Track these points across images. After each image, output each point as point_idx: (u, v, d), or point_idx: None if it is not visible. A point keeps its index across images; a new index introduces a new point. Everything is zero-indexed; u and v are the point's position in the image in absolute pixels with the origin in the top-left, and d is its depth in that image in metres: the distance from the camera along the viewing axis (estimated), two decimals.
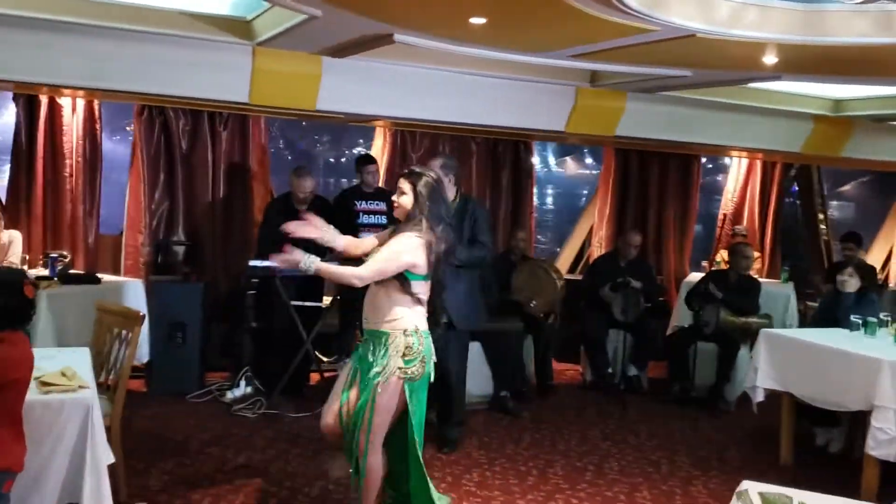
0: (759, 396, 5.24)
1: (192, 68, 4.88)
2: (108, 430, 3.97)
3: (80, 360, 3.57)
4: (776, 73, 4.78)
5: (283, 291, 5.76)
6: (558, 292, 6.54)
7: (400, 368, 3.47)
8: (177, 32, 4.80)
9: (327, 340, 6.97)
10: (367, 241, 3.81)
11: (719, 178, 9.33)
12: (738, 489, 2.28)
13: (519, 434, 5.57)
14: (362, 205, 6.41)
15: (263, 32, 4.83)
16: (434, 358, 3.58)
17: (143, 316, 4.09)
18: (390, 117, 6.05)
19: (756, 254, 8.72)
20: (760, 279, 8.37)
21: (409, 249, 3.48)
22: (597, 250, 8.17)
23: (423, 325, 3.54)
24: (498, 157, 7.71)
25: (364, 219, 6.38)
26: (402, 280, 3.47)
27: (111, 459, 3.70)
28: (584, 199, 8.77)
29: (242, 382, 6.02)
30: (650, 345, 6.94)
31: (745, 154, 8.61)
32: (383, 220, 6.23)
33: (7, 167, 6.24)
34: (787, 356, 5.10)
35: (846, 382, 4.63)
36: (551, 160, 9.83)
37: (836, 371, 4.71)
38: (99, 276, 5.83)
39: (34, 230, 6.16)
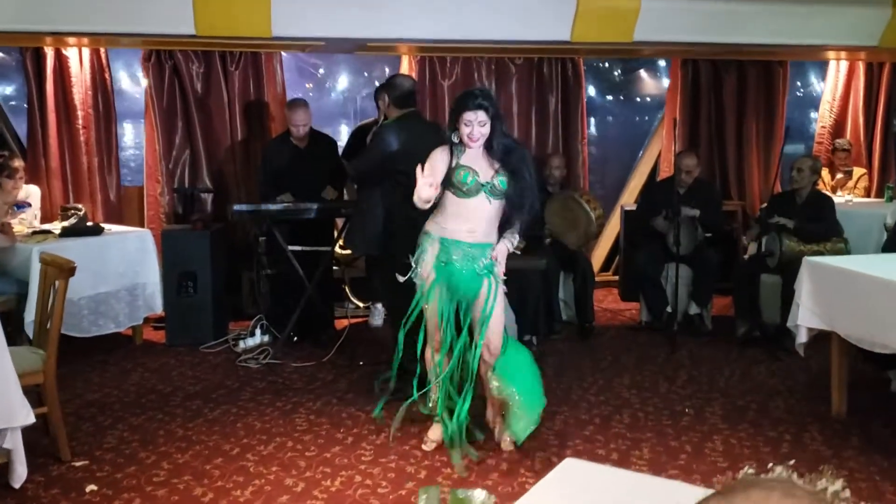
0: (802, 337, 4.44)
1: (130, 2, 4.56)
2: (40, 386, 3.86)
3: None
4: None
5: (278, 235, 5.45)
6: (593, 224, 5.86)
7: None
8: None
9: (361, 285, 6.68)
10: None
11: (820, 86, 8.10)
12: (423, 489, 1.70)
13: None
14: None
15: None
16: (432, 260, 3.82)
17: (74, 267, 3.88)
18: (356, 39, 5.43)
19: (861, 171, 7.60)
20: (865, 199, 7.34)
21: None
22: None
23: (430, 228, 3.86)
24: (543, 80, 7.00)
25: None
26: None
27: (27, 421, 3.55)
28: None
29: (258, 331, 5.82)
30: (711, 279, 6.15)
31: (843, 56, 7.43)
32: None
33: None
34: (832, 289, 4.27)
35: (891, 318, 3.79)
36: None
37: (882, 305, 3.86)
38: (105, 227, 5.76)
39: (54, 185, 6.16)
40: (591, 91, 8.24)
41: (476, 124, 3.71)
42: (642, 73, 8.10)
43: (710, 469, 3.76)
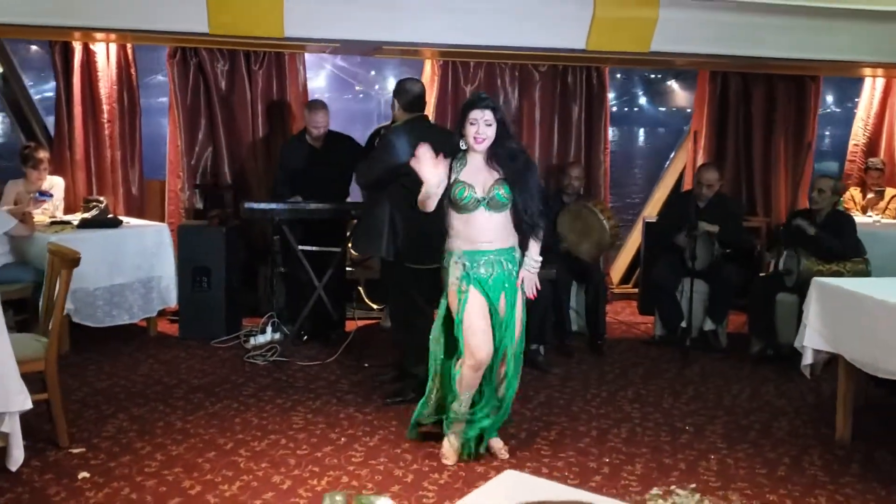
0: (808, 358, 4.36)
1: None
2: (42, 373, 3.94)
3: None
4: None
5: (288, 234, 5.49)
6: (607, 233, 5.81)
7: None
8: None
9: (376, 287, 6.70)
10: None
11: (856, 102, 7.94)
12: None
13: (536, 392, 5.00)
14: None
15: None
16: (458, 274, 3.78)
17: (78, 258, 3.96)
18: (370, 41, 5.42)
19: (893, 191, 7.42)
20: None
21: None
22: None
23: (450, 247, 3.85)
24: (567, 88, 6.96)
25: None
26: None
27: (24, 406, 3.62)
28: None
29: (269, 328, 5.87)
30: (727, 295, 6.05)
31: (880, 73, 7.27)
32: None
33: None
34: (839, 311, 4.18)
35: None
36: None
37: (888, 330, 3.77)
38: (124, 220, 5.87)
39: (78, 176, 6.29)
40: (643, 101, 8.21)
41: (482, 123, 3.72)
42: (682, 83, 8.01)
43: (700, 489, 3.69)
